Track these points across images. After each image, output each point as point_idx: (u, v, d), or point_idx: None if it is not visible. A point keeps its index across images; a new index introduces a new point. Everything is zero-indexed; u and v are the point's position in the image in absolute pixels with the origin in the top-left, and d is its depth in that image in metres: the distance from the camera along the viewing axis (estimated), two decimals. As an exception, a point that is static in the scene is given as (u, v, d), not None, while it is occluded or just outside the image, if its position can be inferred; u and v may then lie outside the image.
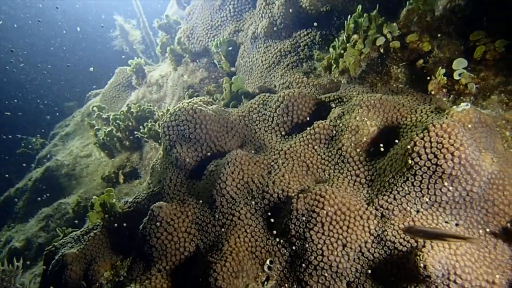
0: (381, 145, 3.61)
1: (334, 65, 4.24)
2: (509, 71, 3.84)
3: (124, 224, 4.11)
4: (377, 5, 4.28)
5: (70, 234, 4.36)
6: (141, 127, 6.32)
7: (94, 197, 4.23)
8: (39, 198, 8.90)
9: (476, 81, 3.90)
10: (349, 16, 4.21)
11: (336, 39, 4.68)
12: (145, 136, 5.87)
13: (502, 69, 3.87)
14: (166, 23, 8.19)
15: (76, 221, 6.77)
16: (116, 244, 4.11)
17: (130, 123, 6.74)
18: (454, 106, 3.57)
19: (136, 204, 4.18)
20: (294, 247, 3.25)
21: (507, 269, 2.93)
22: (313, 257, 3.13)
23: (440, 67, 3.92)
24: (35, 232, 7.80)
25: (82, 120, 11.31)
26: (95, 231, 4.14)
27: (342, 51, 4.28)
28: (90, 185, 8.25)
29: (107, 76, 10.79)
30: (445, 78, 3.89)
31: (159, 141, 5.81)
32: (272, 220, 3.45)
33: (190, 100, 4.13)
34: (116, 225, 4.13)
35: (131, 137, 6.84)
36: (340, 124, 3.73)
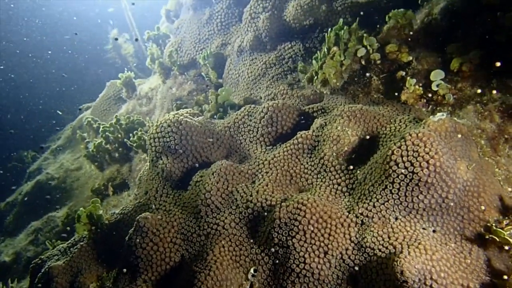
0: (362, 154, 3.71)
1: (315, 77, 4.37)
2: (484, 82, 3.98)
3: (111, 235, 4.16)
4: (357, 18, 4.43)
5: (57, 247, 4.39)
6: (131, 134, 6.39)
7: (80, 209, 4.28)
8: (29, 212, 8.90)
9: (454, 92, 4.03)
10: (329, 29, 4.35)
11: (318, 51, 4.83)
12: (134, 144, 5.93)
13: (478, 80, 4.02)
14: (156, 34, 8.31)
15: (65, 235, 6.77)
16: (103, 255, 4.15)
17: (119, 135, 6.81)
18: (431, 116, 3.69)
19: (123, 215, 4.23)
20: (277, 255, 3.32)
21: (482, 273, 3.02)
22: (295, 265, 3.20)
23: (409, 77, 4.06)
24: (24, 246, 7.78)
25: (73, 133, 11.33)
26: (81, 243, 4.18)
27: (322, 63, 4.42)
28: (80, 198, 8.27)
29: (101, 89, 10.88)
30: (421, 88, 4.03)
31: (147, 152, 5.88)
32: (256, 229, 3.52)
33: (176, 112, 4.22)
34: (102, 236, 4.17)
35: (120, 149, 6.89)
36: (322, 134, 3.84)
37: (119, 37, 17.18)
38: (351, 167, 3.67)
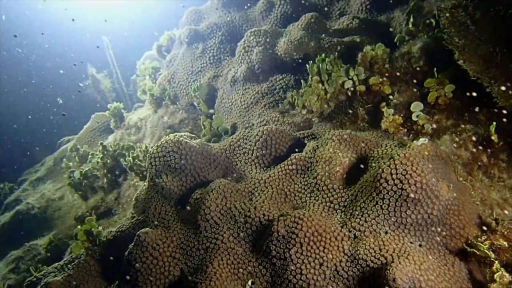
0: (352, 174, 4.00)
1: (295, 101, 4.82)
2: (458, 115, 4.43)
3: (108, 252, 4.20)
4: (336, 53, 4.94)
5: (53, 265, 4.37)
6: (126, 153, 6.48)
7: (78, 227, 4.32)
8: (8, 242, 8.63)
9: (431, 123, 4.44)
10: (310, 61, 4.82)
11: (302, 81, 5.28)
12: (129, 165, 6.04)
13: (452, 113, 4.46)
14: (146, 68, 8.65)
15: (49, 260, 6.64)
16: (101, 271, 4.17)
17: (108, 160, 6.90)
18: (414, 141, 4.05)
19: (121, 232, 4.31)
20: (274, 267, 3.48)
21: (464, 284, 3.27)
22: (292, 276, 3.36)
23: (386, 107, 4.48)
24: (4, 274, 7.51)
25: (55, 164, 11.21)
26: (79, 259, 4.20)
27: (304, 91, 4.90)
28: (62, 227, 8.13)
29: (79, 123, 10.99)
30: (400, 118, 4.45)
31: (140, 175, 6.00)
32: (253, 243, 3.68)
33: (175, 133, 4.44)
34: (100, 253, 4.21)
35: (109, 175, 6.96)
36: (315, 156, 4.12)
37: (98, 74, 17.41)
38: (342, 186, 3.94)
